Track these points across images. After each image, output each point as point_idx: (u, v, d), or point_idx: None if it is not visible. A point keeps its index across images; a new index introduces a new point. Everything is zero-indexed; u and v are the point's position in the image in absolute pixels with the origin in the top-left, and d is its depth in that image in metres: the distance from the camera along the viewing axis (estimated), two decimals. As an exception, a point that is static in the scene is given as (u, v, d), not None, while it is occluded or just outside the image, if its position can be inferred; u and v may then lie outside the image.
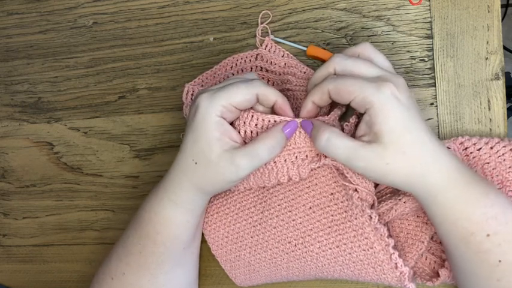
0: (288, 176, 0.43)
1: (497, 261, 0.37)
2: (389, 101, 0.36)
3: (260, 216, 0.46)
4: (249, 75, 0.43)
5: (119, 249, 0.46)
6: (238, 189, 0.47)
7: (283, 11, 0.50)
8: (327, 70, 0.40)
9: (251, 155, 0.39)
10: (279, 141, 0.40)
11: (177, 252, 0.45)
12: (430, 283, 0.44)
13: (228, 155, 0.39)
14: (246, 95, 0.39)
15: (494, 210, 0.37)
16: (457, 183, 0.37)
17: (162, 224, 0.43)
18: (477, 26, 0.45)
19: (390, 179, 0.37)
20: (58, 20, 0.56)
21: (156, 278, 0.45)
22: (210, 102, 0.39)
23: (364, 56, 0.40)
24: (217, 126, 0.39)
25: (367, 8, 0.48)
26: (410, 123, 0.36)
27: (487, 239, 0.36)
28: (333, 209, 0.43)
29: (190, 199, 0.42)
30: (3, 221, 0.59)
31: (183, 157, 0.41)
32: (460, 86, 0.46)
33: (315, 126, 0.40)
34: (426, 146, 0.37)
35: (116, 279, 0.45)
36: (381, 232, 0.41)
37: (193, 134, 0.40)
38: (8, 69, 0.57)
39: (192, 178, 0.41)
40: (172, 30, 0.52)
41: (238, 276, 0.49)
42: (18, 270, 0.59)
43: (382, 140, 0.36)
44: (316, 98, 0.40)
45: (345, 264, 0.43)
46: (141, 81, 0.54)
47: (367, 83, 0.37)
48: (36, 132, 0.57)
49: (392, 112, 0.36)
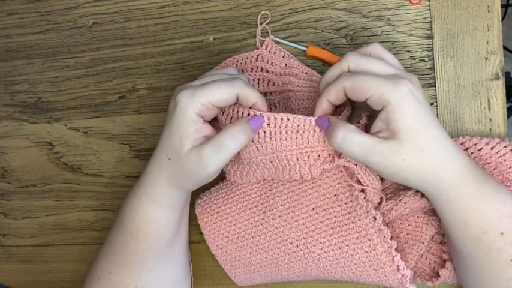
0: (300, 175, 0.43)
1: (509, 260, 0.37)
2: (407, 98, 0.36)
3: (262, 216, 0.46)
4: (229, 71, 0.43)
5: (104, 248, 0.46)
6: (239, 189, 0.47)
7: (283, 11, 0.50)
8: (340, 68, 0.40)
9: (216, 145, 0.38)
10: (243, 130, 0.39)
11: (161, 248, 0.45)
12: (430, 283, 0.44)
13: (196, 150, 0.39)
14: (226, 94, 0.39)
15: (507, 208, 0.37)
16: (469, 181, 0.37)
17: (142, 222, 0.43)
18: (477, 26, 0.45)
19: (404, 175, 0.38)
20: (58, 20, 0.56)
21: (141, 276, 0.45)
22: (190, 99, 0.39)
23: (375, 55, 0.40)
24: (192, 123, 0.39)
25: (367, 8, 0.48)
26: (426, 120, 0.37)
27: (501, 237, 0.36)
28: (336, 210, 0.43)
29: (168, 196, 0.42)
30: (3, 221, 0.59)
31: (159, 153, 0.41)
32: (460, 86, 0.46)
33: (330, 123, 0.39)
34: (441, 143, 0.37)
35: (103, 278, 0.45)
36: (384, 234, 0.41)
37: (169, 130, 0.40)
38: (8, 69, 0.57)
39: (166, 174, 0.41)
40: (172, 30, 0.52)
41: (238, 276, 0.49)
42: (18, 270, 0.59)
43: (399, 136, 0.36)
44: (332, 96, 0.39)
45: (347, 265, 0.43)
46: (141, 81, 0.54)
47: (384, 80, 0.37)
48: (36, 132, 0.57)
49: (409, 109, 0.36)
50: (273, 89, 0.49)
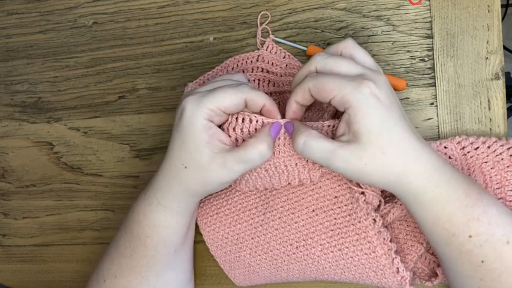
0: (299, 179, 0.43)
1: (480, 261, 0.36)
2: (368, 101, 0.35)
3: (262, 217, 0.46)
4: (236, 76, 0.43)
5: (111, 251, 0.46)
6: (239, 190, 0.47)
7: (283, 11, 0.50)
8: (308, 69, 0.39)
9: (243, 160, 0.38)
10: (269, 146, 0.39)
11: (168, 255, 0.45)
12: (429, 283, 0.44)
13: (219, 158, 0.38)
14: (234, 99, 0.38)
15: (476, 211, 0.36)
16: (437, 183, 0.36)
17: (151, 228, 0.43)
18: (477, 25, 0.45)
19: (369, 178, 0.37)
20: (58, 20, 0.55)
21: (147, 281, 0.45)
22: (197, 105, 0.38)
23: (346, 54, 0.39)
24: (205, 130, 0.38)
25: (367, 8, 0.48)
26: (389, 122, 0.36)
27: (469, 240, 0.36)
28: (336, 212, 0.43)
29: (180, 202, 0.42)
30: (3, 221, 0.59)
31: (171, 161, 0.40)
32: (460, 85, 0.46)
33: (294, 129, 0.39)
34: (405, 145, 0.36)
35: (108, 281, 0.45)
36: (384, 236, 0.41)
37: (180, 137, 0.39)
38: (8, 69, 0.57)
39: (182, 182, 0.40)
40: (172, 30, 0.52)
41: (237, 277, 0.49)
42: (18, 270, 0.59)
43: (361, 140, 0.36)
44: (299, 97, 0.39)
45: (346, 267, 0.43)
46: (141, 81, 0.54)
47: (346, 81, 0.36)
48: (36, 132, 0.57)
49: (370, 111, 0.35)
50: (274, 89, 0.49)
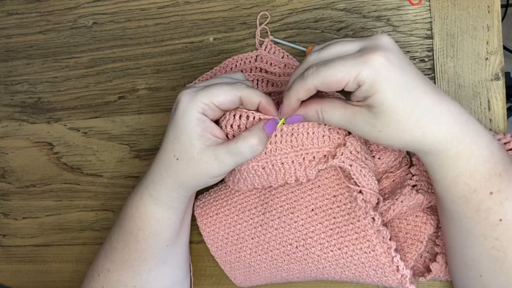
0: (295, 177, 0.43)
1: (498, 220, 0.36)
2: (379, 74, 0.34)
3: (261, 217, 0.46)
4: (236, 76, 0.43)
5: (106, 246, 0.47)
6: (238, 191, 0.47)
7: (283, 11, 0.50)
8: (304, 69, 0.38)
9: (234, 152, 0.39)
10: (261, 140, 0.39)
11: (160, 249, 0.45)
12: (423, 279, 0.44)
13: (210, 151, 0.39)
14: (229, 96, 0.39)
15: (498, 167, 0.36)
16: (461, 139, 0.35)
17: (143, 221, 0.43)
18: (477, 26, 0.45)
19: (387, 143, 0.37)
20: (58, 20, 0.55)
21: (139, 275, 0.45)
22: (192, 99, 0.39)
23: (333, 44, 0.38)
24: (199, 122, 0.39)
25: (367, 8, 0.48)
26: (403, 90, 0.34)
27: (490, 197, 0.36)
28: (335, 211, 0.43)
29: (172, 195, 0.42)
30: (3, 221, 0.59)
31: (164, 153, 0.41)
32: (460, 86, 0.46)
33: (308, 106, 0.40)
34: (423, 109, 0.35)
35: (102, 276, 0.46)
36: (383, 235, 0.41)
37: (174, 129, 0.40)
38: (8, 69, 0.57)
39: (174, 174, 0.41)
40: (172, 31, 0.52)
41: (238, 277, 0.49)
42: (18, 270, 0.59)
43: (374, 110, 0.35)
44: (303, 95, 0.38)
45: (346, 266, 0.43)
46: (141, 82, 0.54)
47: (351, 63, 0.34)
48: (36, 132, 0.57)
49: (383, 84, 0.34)
50: (272, 89, 0.49)
